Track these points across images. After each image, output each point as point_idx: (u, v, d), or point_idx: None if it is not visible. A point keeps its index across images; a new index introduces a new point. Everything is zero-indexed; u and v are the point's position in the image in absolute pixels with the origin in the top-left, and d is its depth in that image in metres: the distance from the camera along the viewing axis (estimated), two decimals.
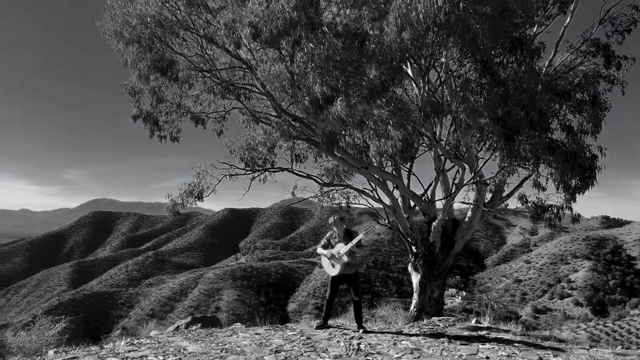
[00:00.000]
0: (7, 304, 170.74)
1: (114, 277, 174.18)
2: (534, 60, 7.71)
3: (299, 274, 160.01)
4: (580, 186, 8.65)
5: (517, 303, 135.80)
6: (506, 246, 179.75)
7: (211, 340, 7.12)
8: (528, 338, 7.51)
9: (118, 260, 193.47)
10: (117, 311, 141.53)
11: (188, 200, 13.04)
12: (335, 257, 8.13)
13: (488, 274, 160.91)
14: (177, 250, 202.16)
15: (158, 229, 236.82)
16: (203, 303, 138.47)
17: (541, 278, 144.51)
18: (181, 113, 13.13)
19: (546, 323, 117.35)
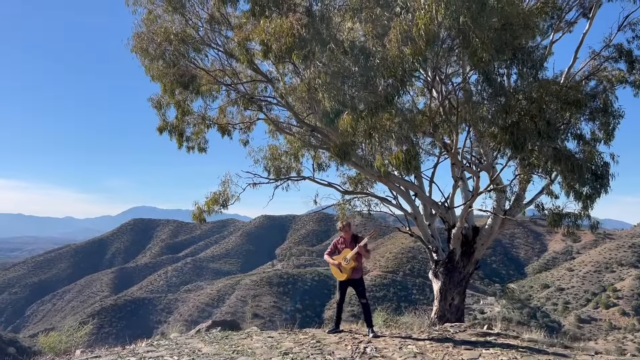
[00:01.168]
0: (52, 308, 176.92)
1: (154, 283, 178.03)
2: (537, 70, 7.81)
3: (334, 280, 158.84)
4: (591, 194, 8.66)
5: (560, 312, 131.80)
6: (547, 253, 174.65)
7: (225, 342, 7.50)
8: (534, 344, 7.59)
9: (157, 267, 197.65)
10: (156, 317, 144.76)
11: (213, 208, 13.54)
12: (342, 263, 8.41)
13: (529, 281, 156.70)
14: (214, 256, 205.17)
15: (196, 236, 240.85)
16: (240, 309, 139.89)
17: (585, 287, 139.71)
18: (207, 124, 13.69)
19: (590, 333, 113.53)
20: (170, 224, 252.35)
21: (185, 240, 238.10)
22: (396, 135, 7.56)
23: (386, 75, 7.32)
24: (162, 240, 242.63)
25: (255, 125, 14.56)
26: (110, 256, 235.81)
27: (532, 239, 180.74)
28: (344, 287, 8.71)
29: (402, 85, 7.51)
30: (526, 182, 11.45)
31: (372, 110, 7.49)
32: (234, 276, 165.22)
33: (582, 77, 11.83)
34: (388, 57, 7.18)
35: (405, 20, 6.94)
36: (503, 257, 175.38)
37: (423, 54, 7.13)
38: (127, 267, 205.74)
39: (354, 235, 8.79)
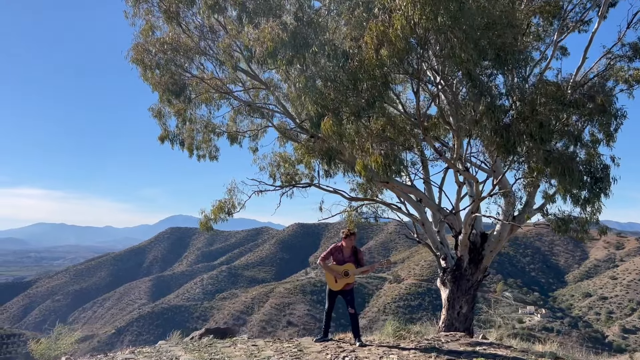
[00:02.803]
0: (93, 315, 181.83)
1: (190, 291, 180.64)
2: (523, 69, 7.52)
3: (368, 289, 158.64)
4: (589, 198, 8.26)
5: (603, 322, 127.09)
6: (589, 261, 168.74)
7: (207, 350, 7.47)
8: (524, 355, 7.26)
9: (194, 275, 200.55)
10: (192, 324, 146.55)
11: (219, 216, 13.58)
12: (340, 275, 8.27)
13: (569, 290, 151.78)
14: (249, 264, 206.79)
15: (231, 244, 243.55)
16: (274, 317, 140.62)
17: (629, 295, 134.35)
18: (216, 133, 13.83)
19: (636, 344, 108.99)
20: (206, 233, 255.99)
21: (221, 249, 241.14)
22: (378, 140, 7.40)
23: (365, 78, 7.20)
24: (198, 248, 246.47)
25: (266, 133, 14.61)
26: (148, 264, 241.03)
27: (573, 246, 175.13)
28: (334, 296, 8.58)
29: (384, 88, 7.37)
30: (532, 187, 11.04)
31: (355, 114, 7.36)
32: (269, 284, 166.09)
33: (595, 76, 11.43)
34: (365, 59, 7.06)
35: (382, 21, 6.80)
36: (542, 265, 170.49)
37: (401, 56, 6.98)
38: (164, 275, 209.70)
39: (355, 247, 8.66)
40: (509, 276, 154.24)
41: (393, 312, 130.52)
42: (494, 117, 7.37)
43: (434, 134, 11.94)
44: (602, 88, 9.20)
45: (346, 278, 8.20)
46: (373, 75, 7.16)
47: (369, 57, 7.05)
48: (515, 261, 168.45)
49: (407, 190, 12.38)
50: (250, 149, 14.66)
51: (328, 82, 7.83)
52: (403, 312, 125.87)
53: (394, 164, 7.41)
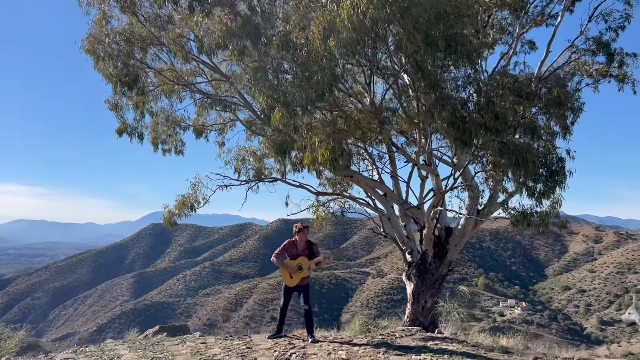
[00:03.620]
0: (74, 313, 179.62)
1: (173, 287, 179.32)
2: (474, 61, 7.41)
3: (352, 284, 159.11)
4: (544, 191, 8.20)
5: (581, 314, 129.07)
6: (568, 255, 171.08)
7: (153, 348, 7.26)
8: (474, 349, 7.18)
9: (176, 271, 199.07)
10: (175, 321, 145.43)
11: (183, 211, 13.31)
12: (295, 270, 8.12)
13: (549, 283, 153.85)
14: (232, 260, 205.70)
15: (214, 240, 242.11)
16: (258, 313, 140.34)
17: (607, 288, 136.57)
18: (182, 126, 13.58)
19: (613, 335, 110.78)
20: (189, 229, 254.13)
21: (204, 245, 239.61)
22: (330, 133, 7.24)
23: (314, 70, 7.03)
24: (180, 244, 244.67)
25: (235, 127, 14.37)
26: (130, 261, 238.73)
27: (552, 240, 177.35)
28: (289, 293, 8.43)
29: (333, 80, 7.21)
30: (494, 181, 10.99)
31: (304, 106, 7.20)
32: (252, 280, 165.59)
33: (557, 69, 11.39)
34: (312, 50, 6.89)
35: (330, 11, 6.63)
36: (523, 258, 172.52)
37: (351, 47, 6.82)
38: (146, 272, 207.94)
39: (309, 241, 8.52)
40: (490, 270, 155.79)
41: (376, 306, 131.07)
42: (447, 109, 7.25)
43: (398, 128, 11.85)
44: (558, 81, 9.13)
45: (301, 272, 8.05)
46: (321, 66, 6.99)
47: (317, 48, 6.88)
48: (496, 255, 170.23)
49: (372, 185, 12.28)
50: (216, 143, 14.42)
51: (278, 73, 7.64)
52: (386, 307, 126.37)
53: (342, 158, 7.26)
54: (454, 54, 6.96)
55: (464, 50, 6.95)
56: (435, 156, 11.38)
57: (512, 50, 11.04)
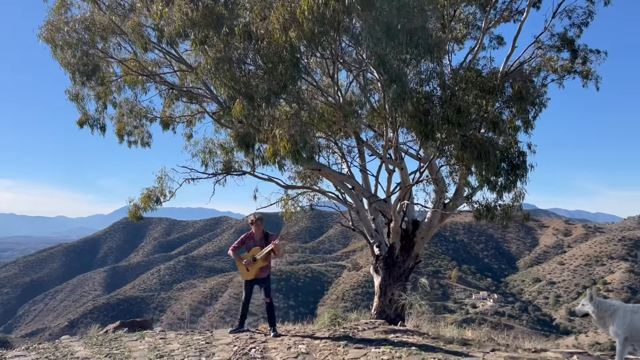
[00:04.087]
0: (45, 308, 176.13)
1: (147, 281, 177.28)
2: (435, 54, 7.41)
3: (328, 277, 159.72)
4: (505, 185, 8.28)
5: (551, 306, 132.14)
6: (538, 247, 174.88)
7: (109, 345, 7.11)
8: (434, 342, 7.22)
9: (150, 265, 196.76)
10: (149, 315, 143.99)
11: (149, 205, 13.08)
12: (250, 262, 8.03)
13: (520, 276, 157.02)
14: (207, 254, 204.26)
15: (189, 234, 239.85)
16: (233, 307, 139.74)
17: (575, 280, 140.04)
18: (149, 118, 13.32)
19: (581, 326, 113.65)
20: (163, 222, 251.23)
21: (178, 238, 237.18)
22: (290, 124, 7.15)
23: (276, 61, 6.94)
24: (154, 238, 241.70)
25: (204, 119, 14.16)
26: (103, 255, 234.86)
27: (524, 233, 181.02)
28: (250, 286, 8.34)
29: (295, 72, 7.12)
30: (460, 175, 11.06)
31: (265, 98, 7.10)
32: (228, 274, 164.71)
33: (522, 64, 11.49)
34: (273, 41, 6.79)
35: (290, 1, 6.53)
36: (495, 251, 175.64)
37: (312, 38, 6.75)
38: (119, 266, 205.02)
39: (266, 232, 8.44)
40: (463, 263, 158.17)
41: (351, 299, 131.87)
42: (410, 103, 7.23)
43: (368, 121, 11.82)
44: (522, 76, 9.20)
45: (256, 263, 7.96)
46: (282, 58, 6.90)
47: (277, 39, 6.78)
48: (469, 248, 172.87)
49: (340, 178, 12.24)
50: (184, 135, 14.19)
51: (241, 64, 7.52)
52: (361, 299, 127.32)
53: (304, 150, 7.18)
54: (415, 48, 6.94)
55: (425, 43, 6.93)
56: (402, 150, 11.40)
57: (480, 45, 11.10)
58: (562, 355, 6.55)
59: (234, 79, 7.37)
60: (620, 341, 5.58)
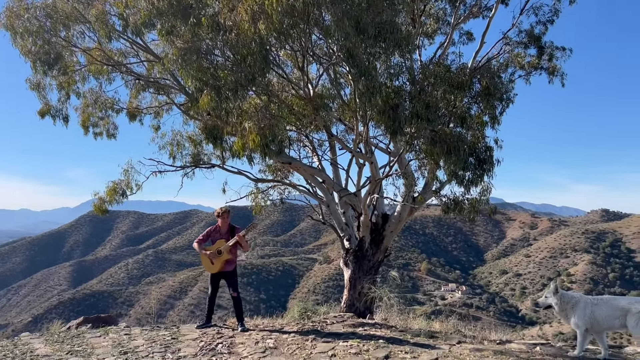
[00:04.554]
0: (7, 303, 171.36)
1: (114, 275, 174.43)
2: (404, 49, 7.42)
3: (299, 270, 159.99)
4: (473, 179, 8.38)
5: (517, 297, 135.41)
6: (506, 240, 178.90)
7: (71, 341, 6.93)
8: (402, 335, 7.27)
9: (118, 259, 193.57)
10: (117, 310, 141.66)
11: (115, 198, 12.80)
12: (214, 254, 7.94)
13: (488, 268, 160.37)
14: (177, 248, 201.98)
15: (158, 227, 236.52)
16: (203, 301, 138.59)
17: (541, 272, 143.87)
18: (115, 109, 13.01)
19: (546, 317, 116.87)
20: (131, 215, 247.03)
21: (147, 232, 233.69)
22: (259, 117, 7.06)
23: (244, 53, 6.83)
24: (122, 232, 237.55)
25: (171, 110, 13.90)
26: (69, 249, 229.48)
27: (492, 226, 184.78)
28: (216, 280, 8.25)
29: (264, 64, 7.03)
30: (431, 169, 11.15)
31: (234, 90, 6.99)
32: (197, 268, 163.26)
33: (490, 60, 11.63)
34: (242, 33, 6.68)
35: None
36: (464, 244, 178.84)
37: (282, 30, 6.66)
38: (86, 260, 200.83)
39: (232, 225, 8.36)
40: (432, 255, 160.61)
41: (322, 292, 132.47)
42: (379, 97, 7.22)
43: (338, 115, 11.79)
44: (490, 71, 9.31)
45: (221, 256, 7.88)
46: (251, 50, 6.79)
47: (245, 30, 6.67)
48: (438, 241, 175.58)
49: (311, 172, 12.20)
50: (152, 127, 13.92)
51: (209, 55, 7.38)
52: (332, 292, 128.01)
53: (273, 143, 7.11)
54: (384, 42, 6.92)
55: (394, 38, 6.92)
56: (372, 144, 11.42)
57: (449, 40, 11.18)
58: (526, 346, 6.69)
59: (201, 70, 7.22)
60: (581, 332, 5.73)
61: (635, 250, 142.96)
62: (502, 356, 5.83)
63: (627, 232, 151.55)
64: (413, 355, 5.84)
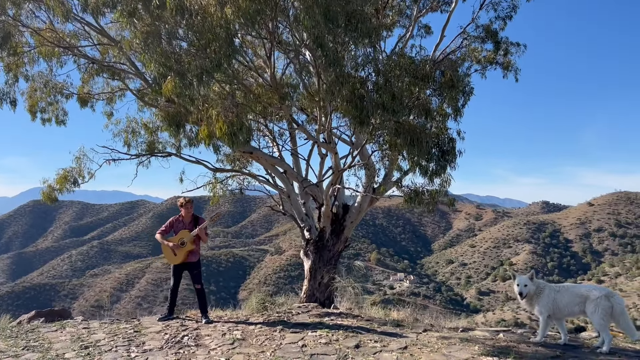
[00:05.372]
0: None
1: (57, 268, 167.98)
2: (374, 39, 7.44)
3: (250, 262, 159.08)
4: (436, 170, 8.54)
5: (462, 286, 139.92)
6: (452, 231, 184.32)
7: (26, 336, 6.60)
8: (369, 324, 7.35)
9: (61, 251, 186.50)
10: (59, 303, 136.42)
11: (65, 186, 12.28)
12: (177, 246, 7.74)
13: (435, 258, 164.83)
14: (123, 239, 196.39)
15: (103, 218, 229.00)
16: (151, 293, 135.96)
17: (485, 261, 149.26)
18: (64, 94, 12.47)
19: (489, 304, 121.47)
20: (75, 206, 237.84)
21: (91, 223, 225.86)
22: (226, 105, 6.90)
23: (210, 38, 6.65)
24: (65, 222, 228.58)
25: (124, 97, 13.42)
26: (7, 240, 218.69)
27: (439, 217, 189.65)
28: (178, 272, 8.05)
29: (231, 50, 6.86)
30: (390, 160, 11.27)
31: (199, 76, 6.79)
32: (145, 259, 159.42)
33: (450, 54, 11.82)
34: (208, 17, 6.49)
35: None
36: (412, 234, 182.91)
37: (249, 16, 6.52)
38: (26, 252, 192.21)
39: (195, 215, 8.16)
40: (382, 245, 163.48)
41: (274, 283, 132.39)
42: (346, 88, 7.21)
43: (299, 104, 11.71)
44: (452, 64, 9.46)
45: (184, 247, 7.70)
46: (217, 35, 6.61)
47: (212, 15, 6.49)
48: (388, 232, 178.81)
49: (271, 162, 12.09)
50: (104, 114, 13.42)
51: (172, 39, 7.14)
52: (284, 283, 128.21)
53: (241, 132, 6.97)
54: (354, 32, 6.91)
55: (365, 28, 6.92)
56: (335, 135, 11.43)
57: (409, 33, 11.29)
58: (489, 333, 6.90)
59: (165, 54, 6.98)
60: (544, 318, 5.96)
61: (572, 240, 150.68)
62: (469, 343, 5.99)
63: (566, 223, 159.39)
64: (383, 344, 5.90)
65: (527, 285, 6.04)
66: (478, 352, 5.52)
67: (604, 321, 5.49)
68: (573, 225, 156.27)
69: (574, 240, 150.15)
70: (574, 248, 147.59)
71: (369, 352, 5.58)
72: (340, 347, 5.78)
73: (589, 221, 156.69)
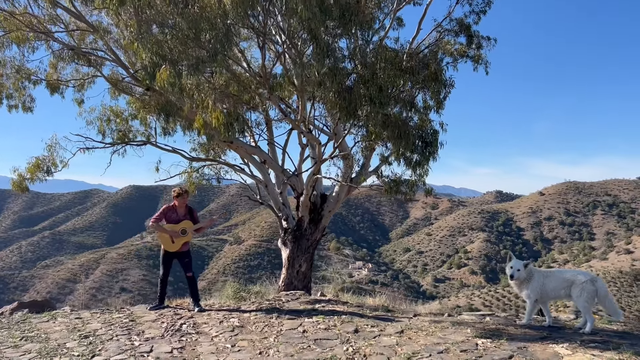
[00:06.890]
0: None
1: (5, 259, 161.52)
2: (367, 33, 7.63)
3: (208, 251, 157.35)
4: (420, 161, 8.84)
5: (419, 273, 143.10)
6: (409, 220, 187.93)
7: (18, 327, 6.51)
8: (359, 310, 7.62)
9: (10, 242, 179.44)
10: (8, 295, 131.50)
11: (37, 175, 11.98)
12: (177, 234, 7.77)
13: (393, 246, 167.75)
14: (76, 229, 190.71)
15: (54, 208, 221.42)
16: (106, 284, 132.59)
17: (441, 249, 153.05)
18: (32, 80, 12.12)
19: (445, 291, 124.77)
20: (25, 195, 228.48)
21: (43, 213, 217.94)
22: (221, 96, 6.95)
23: (207, 28, 6.66)
24: (14, 212, 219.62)
25: (94, 84, 13.11)
26: None
27: (397, 206, 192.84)
28: (168, 261, 8.06)
29: (227, 40, 6.89)
30: (370, 150, 11.52)
31: (194, 66, 6.80)
32: (99, 250, 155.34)
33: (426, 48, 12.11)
34: (206, 6, 6.51)
35: None
36: (370, 223, 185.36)
37: (246, 8, 6.57)
38: None
39: (189, 206, 8.19)
40: (341, 234, 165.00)
41: (232, 273, 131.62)
42: (337, 80, 7.37)
43: (280, 94, 11.80)
44: (435, 58, 9.76)
45: (184, 237, 7.76)
46: (215, 25, 6.63)
47: (211, 5, 6.51)
48: (347, 221, 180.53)
49: (251, 151, 12.14)
50: (75, 101, 13.10)
51: (166, 28, 7.10)
52: (243, 273, 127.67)
53: (237, 123, 7.04)
54: (348, 24, 7.06)
55: (358, 20, 7.08)
56: (316, 126, 11.58)
57: (390, 26, 11.51)
58: (476, 317, 7.27)
59: (159, 43, 6.93)
60: (532, 302, 6.36)
61: (524, 228, 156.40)
62: (460, 327, 6.32)
63: (518, 211, 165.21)
64: (380, 329, 6.15)
65: (520, 270, 6.38)
66: (471, 334, 5.84)
67: (588, 304, 5.91)
68: (525, 214, 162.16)
69: (526, 229, 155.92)
70: (526, 236, 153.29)
71: (368, 336, 5.82)
72: (341, 332, 5.99)
73: (540, 210, 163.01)
